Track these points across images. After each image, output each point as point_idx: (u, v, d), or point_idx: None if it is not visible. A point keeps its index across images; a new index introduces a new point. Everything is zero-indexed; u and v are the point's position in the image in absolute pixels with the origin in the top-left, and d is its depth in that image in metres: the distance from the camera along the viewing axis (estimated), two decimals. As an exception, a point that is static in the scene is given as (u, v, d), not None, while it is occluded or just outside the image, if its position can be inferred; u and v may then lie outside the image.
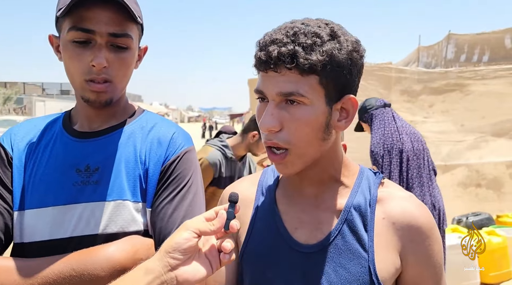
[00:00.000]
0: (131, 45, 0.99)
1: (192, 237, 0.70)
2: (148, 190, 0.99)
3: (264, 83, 0.80)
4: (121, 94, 1.05)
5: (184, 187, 1.00)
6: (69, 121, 1.08)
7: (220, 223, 0.71)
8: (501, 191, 5.12)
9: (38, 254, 0.91)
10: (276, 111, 0.79)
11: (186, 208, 0.98)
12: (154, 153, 1.02)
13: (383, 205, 0.87)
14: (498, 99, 5.08)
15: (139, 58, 1.09)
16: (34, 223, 0.96)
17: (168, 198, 0.98)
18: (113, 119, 1.06)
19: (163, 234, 0.94)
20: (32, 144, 1.04)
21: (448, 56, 8.50)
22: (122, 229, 0.95)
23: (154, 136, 1.04)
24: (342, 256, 0.83)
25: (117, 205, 0.96)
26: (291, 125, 0.79)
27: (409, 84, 5.17)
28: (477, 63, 7.83)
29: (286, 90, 0.77)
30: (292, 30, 0.77)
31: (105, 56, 0.95)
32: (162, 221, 0.95)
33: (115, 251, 0.88)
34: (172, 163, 1.01)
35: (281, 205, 0.92)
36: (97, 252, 0.88)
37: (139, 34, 1.04)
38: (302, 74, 0.76)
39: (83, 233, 0.94)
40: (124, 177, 0.98)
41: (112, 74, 0.97)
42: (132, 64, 1.02)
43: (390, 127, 2.85)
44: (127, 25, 0.96)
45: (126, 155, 1.01)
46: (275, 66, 0.76)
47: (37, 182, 0.99)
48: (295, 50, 0.75)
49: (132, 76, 1.06)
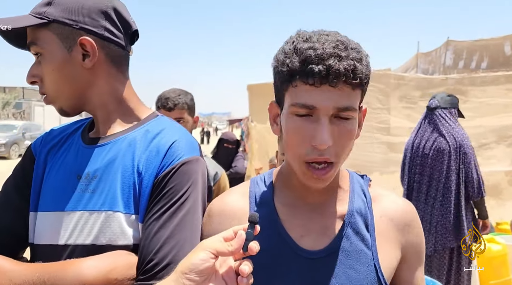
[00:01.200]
0: (41, 51, 0.97)
1: (209, 258, 0.67)
2: (140, 203, 0.92)
3: (316, 98, 0.77)
4: (77, 101, 1.02)
5: (176, 203, 0.90)
6: (90, 127, 1.08)
7: (238, 244, 0.68)
8: (500, 198, 5.11)
9: (45, 257, 0.91)
10: (330, 127, 0.78)
11: (174, 226, 0.88)
12: (150, 162, 0.94)
13: (378, 204, 0.93)
14: (496, 106, 5.08)
15: (89, 55, 0.98)
16: (42, 226, 0.97)
17: (157, 215, 0.89)
18: (112, 125, 1.03)
19: (144, 254, 0.87)
20: (55, 148, 1.06)
21: (446, 63, 8.52)
22: (110, 242, 0.91)
23: (155, 144, 0.96)
24: (350, 257, 0.86)
25: (108, 216, 0.92)
26: (340, 139, 0.79)
27: (408, 91, 5.17)
28: (476, 69, 7.85)
29: (343, 105, 0.77)
30: (342, 44, 0.76)
31: (33, 71, 1.00)
32: (146, 240, 0.88)
33: (88, 268, 0.84)
34: (166, 175, 0.92)
35: (283, 215, 0.91)
36: (69, 266, 0.85)
37: (54, 33, 0.96)
38: (353, 89, 0.77)
39: (76, 242, 0.93)
40: (118, 187, 0.93)
41: (45, 86, 1.00)
42: (52, 68, 0.97)
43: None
44: (32, 33, 0.97)
45: (124, 163, 0.95)
46: (336, 80, 0.74)
47: (48, 186, 1.00)
48: (355, 66, 0.75)
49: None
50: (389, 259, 0.88)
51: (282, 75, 0.80)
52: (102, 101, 1.02)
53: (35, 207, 0.99)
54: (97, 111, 1.03)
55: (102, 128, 1.03)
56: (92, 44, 0.97)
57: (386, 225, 0.90)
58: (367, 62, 0.80)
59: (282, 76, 0.80)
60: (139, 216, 0.92)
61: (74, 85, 0.99)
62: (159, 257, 0.85)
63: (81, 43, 0.97)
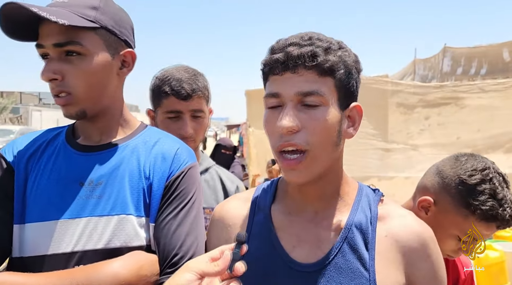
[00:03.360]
0: (84, 52, 0.96)
1: (195, 279, 0.68)
2: (151, 205, 0.99)
3: (279, 85, 0.79)
4: (99, 105, 1.02)
5: (188, 203, 1.00)
6: (72, 134, 1.07)
7: (224, 264, 0.68)
8: (498, 204, 5.11)
9: (39, 269, 0.90)
10: (294, 112, 0.78)
11: (190, 224, 0.98)
12: (158, 168, 1.01)
13: (385, 223, 0.86)
14: (493, 112, 5.10)
15: (127, 65, 1.06)
16: (35, 237, 0.94)
17: (172, 214, 0.98)
18: (113, 132, 1.05)
19: (167, 250, 0.95)
20: (35, 157, 1.03)
21: (444, 69, 8.57)
22: (125, 244, 0.94)
23: (158, 151, 1.04)
24: (343, 275, 0.81)
25: (121, 219, 0.95)
26: (309, 126, 0.78)
27: (405, 97, 5.19)
28: (475, 76, 7.90)
29: (306, 90, 0.77)
30: (306, 35, 0.80)
31: (56, 68, 0.95)
32: (166, 237, 0.95)
33: (120, 267, 0.88)
34: (177, 179, 1.01)
35: (277, 222, 0.89)
36: (102, 268, 0.87)
37: (101, 39, 0.99)
38: (319, 75, 0.77)
39: (85, 247, 0.93)
40: (127, 192, 0.97)
41: (69, 85, 0.96)
42: (92, 71, 0.97)
43: None
44: (73, 32, 0.94)
45: (130, 169, 1.00)
46: (294, 66, 0.77)
47: (39, 195, 0.97)
48: (314, 51, 0.76)
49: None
50: (390, 283, 0.81)
51: (262, 74, 0.85)
52: (112, 109, 1.06)
53: (21, 219, 0.96)
54: (102, 118, 1.04)
55: (97, 135, 1.04)
56: (134, 56, 1.07)
57: (389, 245, 0.83)
58: (343, 53, 0.80)
59: (262, 75, 0.84)
60: (150, 217, 0.99)
61: (104, 90, 1.02)
62: (183, 251, 0.95)
63: (125, 54, 1.05)
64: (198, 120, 1.50)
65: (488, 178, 1.15)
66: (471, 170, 1.16)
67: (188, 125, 1.46)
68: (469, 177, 1.15)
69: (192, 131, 1.47)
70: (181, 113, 1.46)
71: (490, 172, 1.16)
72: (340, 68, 0.79)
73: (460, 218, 1.17)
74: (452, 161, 1.23)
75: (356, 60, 0.83)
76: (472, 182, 1.14)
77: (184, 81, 1.43)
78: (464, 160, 1.21)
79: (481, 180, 1.15)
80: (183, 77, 1.44)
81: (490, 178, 1.15)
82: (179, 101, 1.43)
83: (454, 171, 1.19)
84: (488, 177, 1.15)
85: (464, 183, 1.15)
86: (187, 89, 1.42)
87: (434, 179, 1.23)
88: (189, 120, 1.47)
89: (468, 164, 1.18)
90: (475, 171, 1.16)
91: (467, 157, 1.22)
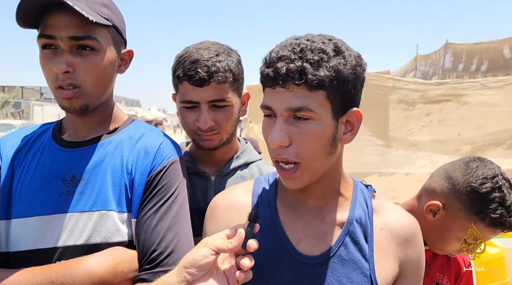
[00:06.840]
0: (98, 48, 0.97)
1: (210, 254, 0.72)
2: (133, 200, 0.98)
3: (271, 99, 0.81)
4: (100, 100, 1.03)
5: (170, 198, 0.99)
6: (59, 130, 1.07)
7: (238, 241, 0.73)
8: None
9: (24, 264, 0.91)
10: (284, 126, 0.80)
11: (171, 219, 0.97)
12: (140, 163, 1.01)
13: (379, 216, 0.91)
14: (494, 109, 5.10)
15: (124, 63, 1.09)
16: (20, 233, 0.96)
17: (153, 209, 0.97)
18: (100, 127, 1.06)
19: (146, 245, 0.94)
20: (21, 153, 1.04)
21: (445, 65, 8.54)
22: (105, 240, 0.94)
23: (142, 146, 1.03)
24: (346, 266, 0.85)
25: (101, 215, 0.95)
26: (299, 140, 0.80)
27: (406, 93, 5.19)
28: (475, 72, 7.88)
29: (295, 106, 0.78)
30: (298, 46, 0.78)
31: (68, 60, 0.94)
32: (146, 233, 0.95)
33: (95, 264, 0.88)
34: (158, 174, 1.00)
35: (283, 216, 0.92)
36: (77, 264, 0.88)
37: (111, 37, 1.02)
38: (310, 90, 0.77)
39: (67, 243, 0.94)
40: (109, 187, 0.97)
41: (79, 79, 0.96)
42: (103, 67, 0.99)
43: None
44: (90, 27, 0.95)
45: (112, 164, 1.00)
46: (283, 82, 0.77)
47: (24, 191, 0.98)
48: (303, 67, 0.76)
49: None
50: (386, 272, 0.87)
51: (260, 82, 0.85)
52: (105, 104, 1.07)
53: (7, 215, 0.98)
54: (95, 112, 1.04)
55: (84, 131, 1.05)
56: (132, 55, 1.11)
57: (385, 237, 0.89)
58: (338, 62, 0.78)
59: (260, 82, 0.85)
60: (132, 213, 0.98)
61: (108, 86, 1.05)
62: (162, 247, 0.93)
63: (125, 53, 1.09)
64: (222, 109, 1.21)
65: (498, 185, 1.18)
66: (482, 178, 1.19)
67: (206, 117, 1.18)
68: (480, 185, 1.18)
69: (212, 123, 1.19)
70: (197, 103, 1.19)
71: (499, 180, 1.19)
72: (332, 80, 0.77)
73: (468, 223, 1.20)
74: (463, 167, 1.24)
75: (357, 64, 0.82)
76: (483, 191, 1.17)
77: (201, 62, 1.15)
78: (475, 167, 1.22)
79: (491, 188, 1.17)
80: (201, 57, 1.16)
81: (500, 186, 1.18)
82: (194, 87, 1.16)
83: (466, 178, 1.20)
84: (498, 184, 1.18)
85: (476, 191, 1.18)
86: (202, 73, 1.14)
87: (444, 184, 1.25)
88: (207, 110, 1.18)
89: (479, 172, 1.20)
90: (486, 179, 1.18)
91: (477, 164, 1.23)
